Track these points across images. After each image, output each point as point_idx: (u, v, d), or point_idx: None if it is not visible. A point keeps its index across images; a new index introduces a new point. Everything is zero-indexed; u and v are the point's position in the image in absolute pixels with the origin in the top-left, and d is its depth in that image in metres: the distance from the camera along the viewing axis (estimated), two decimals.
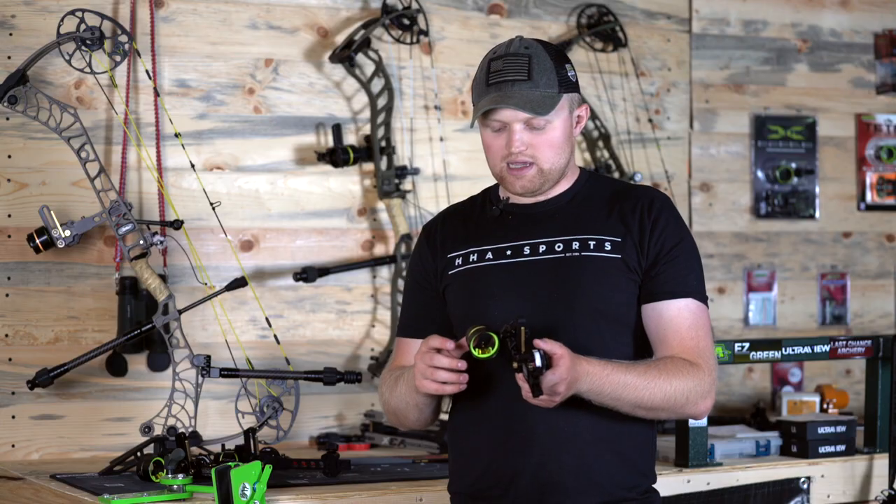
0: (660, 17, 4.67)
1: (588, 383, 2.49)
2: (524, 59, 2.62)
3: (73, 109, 3.62)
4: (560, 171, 2.68)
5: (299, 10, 4.15)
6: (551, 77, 2.62)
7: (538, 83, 2.61)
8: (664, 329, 2.63)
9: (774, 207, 4.82)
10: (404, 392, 2.67)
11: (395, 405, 2.72)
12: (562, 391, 2.44)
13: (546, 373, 2.41)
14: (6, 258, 3.81)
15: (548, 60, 2.63)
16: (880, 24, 4.97)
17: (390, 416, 2.77)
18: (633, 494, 2.66)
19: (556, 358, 2.43)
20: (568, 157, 2.69)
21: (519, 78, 2.60)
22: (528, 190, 2.67)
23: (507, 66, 2.62)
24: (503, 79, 2.61)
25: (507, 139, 2.63)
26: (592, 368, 2.49)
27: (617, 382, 2.51)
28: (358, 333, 4.21)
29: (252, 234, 4.08)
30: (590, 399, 2.53)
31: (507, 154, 2.64)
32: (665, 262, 2.63)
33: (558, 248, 2.65)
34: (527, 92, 2.60)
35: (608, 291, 2.63)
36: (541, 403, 2.46)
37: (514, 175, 2.65)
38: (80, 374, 3.79)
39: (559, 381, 2.43)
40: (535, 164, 2.64)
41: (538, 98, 2.60)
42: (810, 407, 4.29)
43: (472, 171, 4.33)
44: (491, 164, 2.69)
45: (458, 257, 2.72)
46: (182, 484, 3.10)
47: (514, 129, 2.62)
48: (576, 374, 2.46)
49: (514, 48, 2.64)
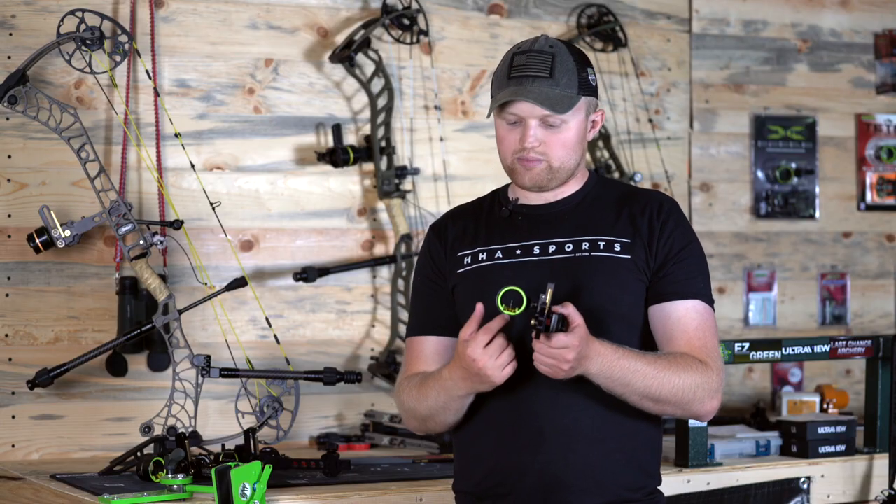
0: (660, 17, 4.67)
1: (599, 364, 2.50)
2: (548, 57, 2.63)
3: (73, 109, 3.62)
4: (570, 170, 2.69)
5: (299, 10, 4.15)
6: (572, 78, 2.64)
7: (559, 82, 2.62)
8: (671, 329, 2.64)
9: (774, 207, 4.82)
10: (440, 393, 2.63)
11: (425, 412, 2.68)
12: (570, 359, 2.45)
13: (559, 333, 2.43)
14: (6, 258, 3.81)
15: (570, 61, 2.65)
16: (880, 24, 4.97)
17: (418, 422, 2.73)
18: (638, 496, 2.66)
19: (573, 325, 2.45)
20: (579, 159, 2.70)
21: (541, 75, 2.62)
22: (536, 184, 2.68)
23: (531, 61, 2.63)
24: (525, 73, 2.62)
25: (522, 134, 2.64)
26: (604, 350, 2.51)
27: (627, 368, 2.52)
28: (358, 333, 4.21)
29: (252, 234, 4.08)
30: (598, 383, 2.53)
31: (520, 149, 2.65)
32: (673, 264, 2.65)
33: (568, 248, 2.66)
34: (547, 89, 2.61)
35: (617, 292, 2.64)
36: (548, 371, 2.48)
37: (523, 166, 2.66)
38: (80, 374, 3.79)
39: (569, 346, 2.44)
40: (546, 161, 2.65)
41: (557, 96, 2.62)
42: (810, 407, 4.29)
43: (472, 171, 4.33)
44: (502, 155, 2.70)
45: (468, 256, 2.72)
46: (182, 484, 3.10)
47: (529, 125, 2.63)
48: (587, 350, 2.47)
49: (538, 45, 2.65)
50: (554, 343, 2.44)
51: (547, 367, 2.48)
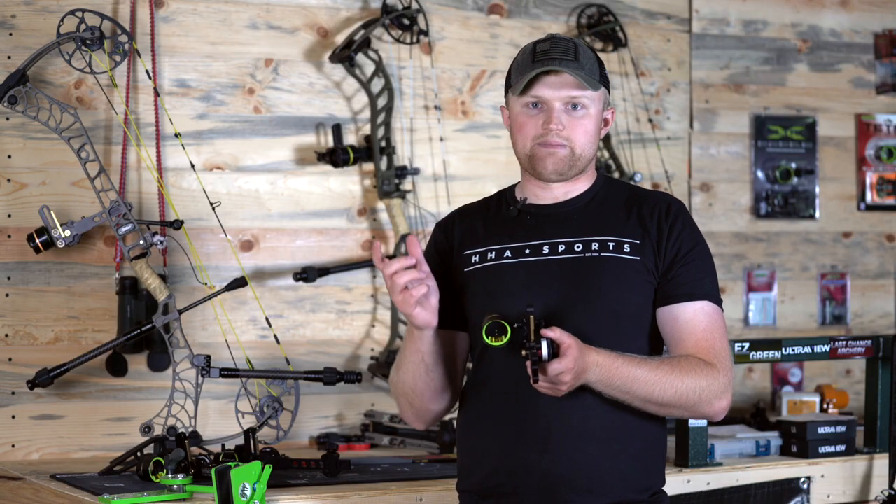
0: (660, 17, 4.67)
1: (597, 374, 2.50)
2: (571, 44, 2.66)
3: (73, 109, 3.62)
4: (587, 160, 2.70)
5: (299, 10, 4.15)
6: (594, 66, 2.68)
7: (584, 66, 2.65)
8: (680, 331, 2.64)
9: (774, 207, 4.82)
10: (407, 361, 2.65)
11: (404, 383, 2.69)
12: (567, 381, 2.45)
13: (552, 361, 2.43)
14: (6, 258, 3.81)
15: (590, 53, 2.70)
16: (880, 24, 4.97)
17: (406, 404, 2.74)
18: (642, 497, 2.66)
19: (563, 347, 2.44)
20: (595, 151, 2.71)
21: (566, 58, 2.64)
22: (557, 170, 2.67)
23: (555, 46, 2.65)
24: (551, 56, 2.64)
25: (546, 117, 2.65)
26: (602, 359, 2.50)
27: (627, 375, 2.52)
28: (358, 333, 4.21)
29: (252, 234, 4.08)
30: (599, 391, 2.54)
31: (544, 133, 2.65)
32: (681, 266, 2.65)
33: (577, 248, 2.66)
34: (575, 70, 2.63)
35: (626, 292, 2.64)
36: (547, 392, 2.47)
37: (547, 150, 2.65)
38: (80, 374, 3.79)
39: (564, 371, 2.44)
40: (570, 146, 2.66)
41: (585, 77, 2.64)
42: (810, 407, 4.29)
43: (472, 171, 4.33)
44: (520, 144, 2.69)
45: (476, 255, 2.72)
46: (182, 484, 3.10)
47: (554, 108, 2.64)
48: (583, 365, 2.47)
49: (559, 35, 2.70)
50: (550, 372, 2.44)
51: (547, 390, 2.48)
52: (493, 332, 2.50)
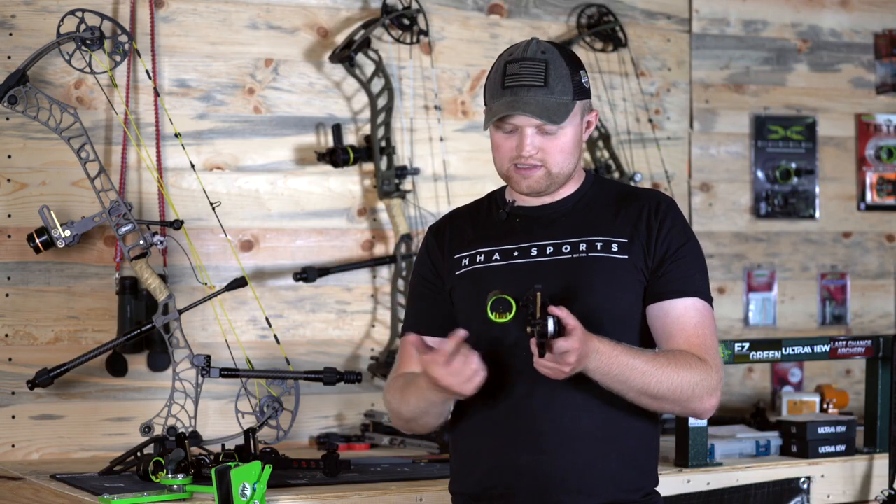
0: (660, 17, 4.67)
1: (597, 361, 2.50)
2: (541, 65, 2.62)
3: (73, 109, 3.62)
4: (567, 174, 2.69)
5: (299, 10, 4.15)
6: (567, 84, 2.63)
7: (553, 90, 2.61)
8: (670, 327, 2.64)
9: (774, 207, 4.82)
10: (420, 399, 2.64)
11: (408, 415, 2.70)
12: (572, 362, 2.45)
13: (559, 339, 2.42)
14: (6, 258, 3.81)
15: (564, 67, 2.64)
16: (880, 24, 4.97)
17: (402, 423, 2.75)
18: (635, 497, 2.66)
19: (569, 328, 2.44)
20: (576, 162, 2.70)
21: (535, 84, 2.61)
22: (534, 190, 2.68)
23: (524, 70, 2.62)
24: (519, 83, 2.61)
25: (519, 142, 2.64)
26: (602, 346, 2.50)
27: (625, 364, 2.52)
28: (358, 333, 4.21)
29: (252, 234, 4.08)
30: (596, 380, 2.53)
31: (517, 156, 2.65)
32: (671, 262, 2.65)
33: (566, 249, 2.66)
34: (542, 98, 2.60)
35: (616, 291, 2.64)
36: (549, 374, 2.47)
37: (521, 174, 2.66)
38: (80, 374, 3.79)
39: (570, 350, 2.43)
40: (545, 166, 2.65)
41: (553, 105, 2.61)
42: (810, 407, 4.29)
43: (472, 171, 4.33)
44: (498, 163, 2.70)
45: (465, 258, 2.72)
46: (182, 484, 3.10)
47: (525, 133, 2.63)
48: (586, 349, 2.47)
49: (531, 52, 2.64)
50: (556, 349, 2.44)
51: (549, 371, 2.48)
52: (497, 308, 2.48)
